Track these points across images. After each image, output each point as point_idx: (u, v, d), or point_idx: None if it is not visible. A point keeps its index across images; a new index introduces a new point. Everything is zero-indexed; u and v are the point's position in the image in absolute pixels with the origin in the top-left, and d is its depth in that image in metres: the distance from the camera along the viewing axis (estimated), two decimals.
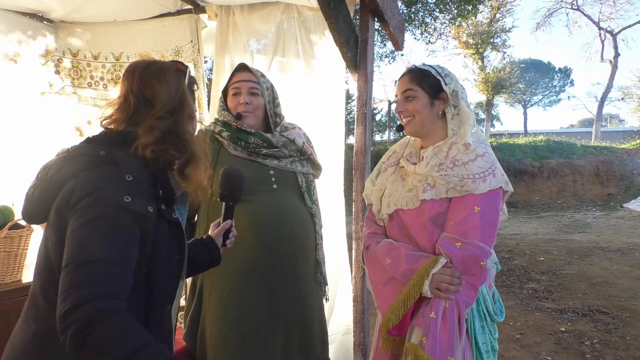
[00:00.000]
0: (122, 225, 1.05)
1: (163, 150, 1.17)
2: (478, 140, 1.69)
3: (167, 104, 1.21)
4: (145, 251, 1.11)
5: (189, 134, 1.26)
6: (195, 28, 3.08)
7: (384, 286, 1.70)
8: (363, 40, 2.80)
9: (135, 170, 1.11)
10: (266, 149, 1.96)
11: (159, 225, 1.14)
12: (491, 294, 1.72)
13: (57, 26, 3.27)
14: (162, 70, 1.25)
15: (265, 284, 1.85)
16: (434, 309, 1.54)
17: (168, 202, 1.18)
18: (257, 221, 1.87)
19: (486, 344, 1.64)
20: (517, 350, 3.75)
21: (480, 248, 1.53)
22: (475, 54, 24.77)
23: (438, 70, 1.72)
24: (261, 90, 2.00)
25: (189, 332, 1.95)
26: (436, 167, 1.63)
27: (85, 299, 0.95)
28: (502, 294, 5.32)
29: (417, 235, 1.66)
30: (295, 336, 1.89)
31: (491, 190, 1.57)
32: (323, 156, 2.75)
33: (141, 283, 1.11)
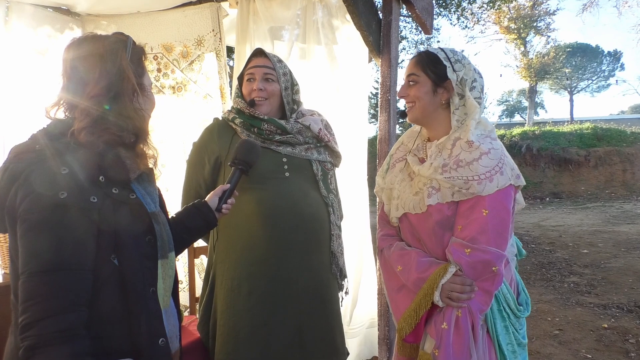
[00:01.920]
0: (65, 225, 1.01)
1: (103, 131, 1.11)
2: (483, 133, 1.55)
3: (102, 80, 1.14)
4: (108, 239, 1.07)
5: (132, 110, 1.18)
6: (217, 17, 3.04)
7: (397, 293, 1.62)
8: (386, 23, 2.70)
9: (72, 161, 1.06)
10: (280, 136, 1.89)
11: (118, 210, 1.10)
12: (513, 287, 1.61)
13: (84, 19, 3.30)
14: (95, 44, 1.17)
15: (275, 274, 1.80)
16: (445, 318, 1.47)
17: (123, 184, 1.13)
18: (267, 210, 1.81)
19: (511, 344, 1.54)
20: (555, 347, 3.58)
21: (491, 253, 1.42)
22: (517, 39, 23.94)
23: (448, 55, 1.57)
24: (277, 76, 1.93)
25: (202, 322, 1.93)
26: (440, 169, 1.51)
27: (40, 315, 0.96)
28: (540, 287, 5.12)
29: (426, 239, 1.57)
30: (308, 328, 1.83)
31: (499, 190, 1.44)
32: (346, 145, 2.68)
33: (114, 272, 1.08)
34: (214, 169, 1.92)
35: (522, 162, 16.35)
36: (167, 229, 1.33)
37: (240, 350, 1.76)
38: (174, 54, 3.18)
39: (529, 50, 24.80)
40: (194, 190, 1.94)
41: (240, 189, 1.74)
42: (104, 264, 1.06)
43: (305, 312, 1.82)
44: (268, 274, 1.80)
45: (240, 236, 1.84)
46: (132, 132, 1.18)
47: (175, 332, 1.28)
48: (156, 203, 1.27)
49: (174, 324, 1.28)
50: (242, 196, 1.76)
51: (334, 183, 2.04)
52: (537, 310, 4.38)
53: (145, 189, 1.23)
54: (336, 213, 1.99)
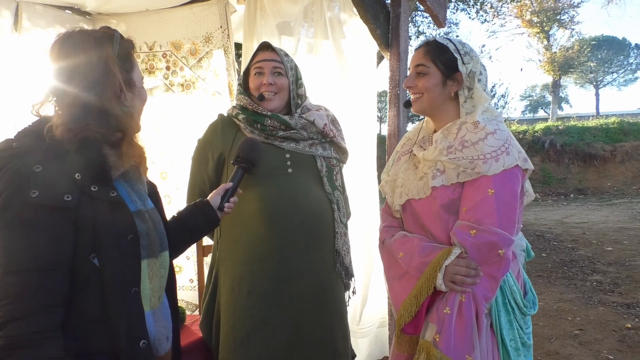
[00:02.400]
0: (37, 224, 0.99)
1: (83, 128, 1.08)
2: (490, 116, 1.52)
3: (86, 75, 1.11)
4: (87, 238, 1.05)
5: (117, 107, 1.15)
6: (225, 13, 3.00)
7: (398, 281, 1.57)
8: (395, 15, 2.64)
9: (46, 159, 1.03)
10: (283, 131, 1.85)
11: (97, 208, 1.07)
12: (521, 284, 1.55)
13: (95, 19, 3.30)
14: (80, 39, 1.14)
15: (276, 273, 1.77)
16: (448, 303, 1.41)
17: (104, 182, 1.10)
18: (268, 207, 1.78)
19: (515, 340, 1.47)
20: (575, 348, 3.47)
21: (498, 234, 1.37)
22: (540, 33, 23.47)
23: (457, 47, 1.54)
24: (285, 69, 1.89)
25: (204, 321, 1.90)
26: (445, 151, 1.48)
27: (13, 315, 0.95)
28: (561, 286, 4.98)
29: (430, 225, 1.52)
30: (308, 329, 1.78)
31: (506, 170, 1.41)
32: (354, 141, 2.63)
33: (93, 271, 1.05)
34: (217, 166, 1.89)
35: (545, 158, 16.04)
36: (160, 227, 1.30)
37: (239, 350, 1.73)
38: (183, 52, 3.16)
39: (552, 44, 24.29)
40: (198, 187, 1.92)
41: (243, 186, 1.70)
42: (83, 263, 1.04)
43: (305, 312, 1.78)
44: (269, 273, 1.77)
45: (242, 234, 1.81)
46: (117, 128, 1.15)
47: (165, 333, 1.24)
48: (144, 201, 1.24)
49: (164, 325, 1.24)
50: (244, 193, 1.73)
51: (340, 180, 2.00)
52: (558, 309, 4.26)
53: (132, 187, 1.21)
54: (341, 210, 1.94)
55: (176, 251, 1.55)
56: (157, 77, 3.24)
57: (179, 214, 1.59)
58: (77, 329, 1.04)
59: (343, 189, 2.01)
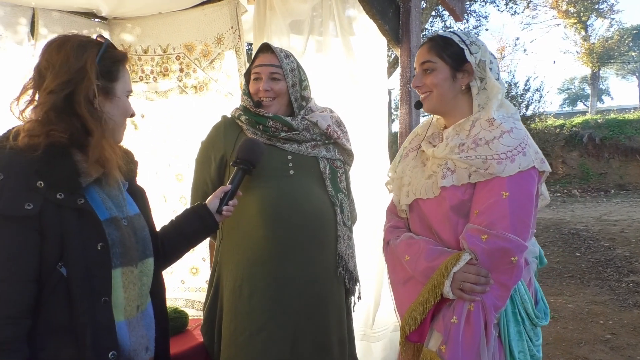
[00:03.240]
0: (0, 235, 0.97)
1: (47, 133, 1.06)
2: (506, 114, 1.44)
3: (59, 75, 1.09)
4: (53, 247, 1.03)
5: (87, 111, 1.13)
6: (235, 13, 2.98)
7: (403, 286, 1.51)
8: (405, 10, 2.57)
9: (9, 167, 1.02)
10: (286, 133, 1.82)
11: (63, 216, 1.05)
12: (532, 293, 1.46)
13: (111, 23, 3.35)
14: (64, 41, 1.14)
15: (275, 276, 1.74)
16: (456, 312, 1.34)
17: (70, 189, 1.07)
18: (269, 209, 1.75)
19: (524, 352, 1.39)
20: (606, 353, 3.31)
21: (511, 241, 1.29)
22: (577, 23, 22.68)
23: (462, 38, 1.47)
24: (283, 73, 1.85)
25: (206, 324, 1.89)
26: (456, 149, 1.40)
27: None
28: (594, 287, 4.78)
29: (439, 227, 1.45)
30: (307, 333, 1.75)
31: (521, 172, 1.33)
32: (365, 140, 2.57)
33: (61, 280, 1.03)
34: (219, 167, 1.88)
35: (583, 152, 15.53)
36: (143, 234, 1.28)
37: (240, 354, 1.71)
38: (195, 53, 3.16)
39: (590, 34, 23.44)
40: (201, 189, 1.91)
41: (244, 188, 1.69)
42: (50, 272, 1.03)
43: (304, 316, 1.75)
44: (269, 276, 1.74)
45: (243, 236, 1.79)
46: (85, 132, 1.13)
47: (144, 343, 1.22)
48: (121, 208, 1.21)
49: (142, 335, 1.21)
50: (245, 195, 1.71)
51: (345, 182, 1.95)
52: (589, 312, 4.08)
53: (109, 194, 1.18)
54: (345, 213, 1.89)
55: (172, 257, 1.53)
56: (171, 79, 3.25)
57: (176, 218, 1.57)
58: (44, 338, 1.03)
59: (348, 191, 1.96)
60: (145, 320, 1.25)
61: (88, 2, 3.00)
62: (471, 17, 13.07)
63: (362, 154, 2.42)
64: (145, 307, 1.27)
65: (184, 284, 3.19)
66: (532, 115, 17.22)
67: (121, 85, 1.25)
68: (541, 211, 10.50)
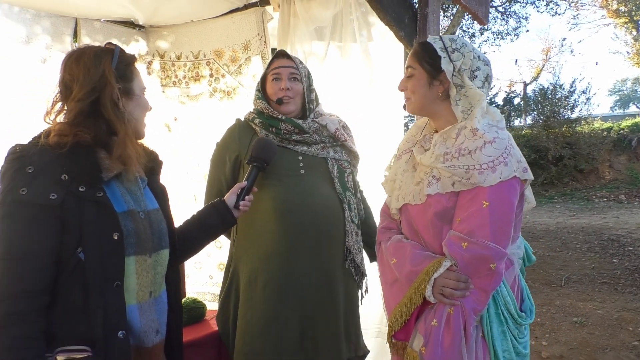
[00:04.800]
0: (23, 219, 1.11)
1: (75, 133, 1.19)
2: (491, 121, 1.47)
3: (84, 85, 1.23)
4: (73, 234, 1.16)
5: (113, 113, 1.27)
6: (262, 20, 3.13)
7: (390, 286, 1.58)
8: (422, 16, 2.62)
9: (39, 161, 1.15)
10: (297, 135, 1.95)
11: (83, 207, 1.18)
12: (516, 292, 1.51)
13: (148, 31, 3.56)
14: (81, 54, 1.28)
15: (288, 268, 1.86)
16: (436, 315, 1.40)
17: (91, 183, 1.20)
18: (281, 206, 1.88)
19: (508, 351, 1.43)
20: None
21: (490, 248, 1.35)
22: (628, 23, 21.79)
23: (446, 45, 1.50)
24: (300, 76, 1.99)
25: (220, 314, 2.02)
26: (441, 157, 1.45)
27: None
28: (628, 294, 4.66)
29: (424, 232, 1.52)
30: (318, 321, 1.86)
31: (502, 182, 1.37)
32: (381, 142, 2.64)
33: (78, 264, 1.16)
34: (234, 167, 2.01)
35: (632, 157, 14.97)
36: (160, 227, 1.39)
37: (256, 341, 1.83)
38: (224, 59, 3.32)
39: None
40: (216, 188, 2.04)
41: (259, 186, 1.82)
42: (69, 256, 1.15)
43: (314, 305, 1.86)
44: (281, 268, 1.86)
45: (257, 232, 1.92)
46: (110, 132, 1.27)
47: (155, 327, 1.33)
48: (139, 202, 1.34)
49: (153, 319, 1.32)
50: (259, 193, 1.84)
51: (352, 181, 2.04)
52: (618, 319, 4.00)
53: (128, 188, 1.31)
54: (352, 210, 1.99)
55: (193, 249, 1.66)
56: (202, 84, 3.42)
57: (197, 213, 1.70)
58: (60, 316, 1.16)
59: (355, 190, 2.05)
60: (158, 306, 1.37)
61: (126, 11, 3.21)
62: (511, 18, 12.84)
63: (378, 154, 2.50)
64: (159, 294, 1.39)
65: (212, 279, 3.35)
66: (578, 118, 16.73)
67: (137, 84, 1.39)
68: (582, 217, 10.19)
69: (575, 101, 17.15)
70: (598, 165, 15.80)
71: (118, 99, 1.30)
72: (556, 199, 14.03)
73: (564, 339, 3.65)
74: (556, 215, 10.98)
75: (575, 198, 13.90)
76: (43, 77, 2.85)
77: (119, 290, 1.22)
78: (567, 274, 5.50)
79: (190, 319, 2.18)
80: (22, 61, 2.78)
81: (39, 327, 1.11)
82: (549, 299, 4.63)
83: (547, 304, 4.46)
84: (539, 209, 12.24)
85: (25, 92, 2.75)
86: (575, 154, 15.72)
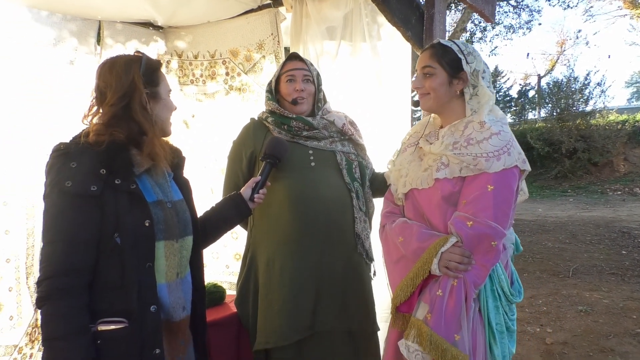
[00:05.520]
0: (69, 208, 1.28)
1: (111, 133, 1.35)
2: (495, 118, 1.65)
3: (116, 91, 1.39)
4: (111, 221, 1.32)
5: (142, 116, 1.43)
6: (275, 21, 3.27)
7: (395, 264, 1.73)
8: (429, 17, 2.74)
9: (81, 157, 1.31)
10: (307, 131, 2.10)
11: (119, 197, 1.34)
12: (508, 274, 1.65)
13: (167, 31, 3.73)
14: (113, 63, 1.44)
15: (303, 253, 2.02)
16: (441, 286, 1.55)
17: (125, 176, 1.36)
18: (294, 196, 2.04)
19: (500, 324, 1.59)
20: (634, 346, 3.36)
21: (492, 228, 1.50)
22: None
23: (461, 48, 1.68)
24: (312, 77, 2.15)
25: (239, 298, 2.18)
26: (450, 146, 1.62)
27: (46, 275, 1.26)
28: (635, 284, 4.77)
29: (430, 214, 1.67)
30: (328, 299, 2.02)
31: (505, 169, 1.53)
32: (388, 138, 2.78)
33: (115, 247, 1.32)
34: (249, 163, 2.16)
35: None
36: (185, 216, 1.55)
37: (275, 319, 2.00)
38: (239, 58, 3.47)
39: None
40: (233, 182, 2.20)
41: (272, 179, 1.98)
42: (108, 240, 1.32)
43: (323, 287, 2.02)
44: (296, 253, 2.02)
45: (272, 220, 2.08)
46: (140, 133, 1.43)
47: (182, 303, 1.50)
48: (167, 193, 1.50)
49: (180, 296, 1.49)
50: (273, 185, 2.00)
51: (359, 173, 2.19)
52: (623, 307, 4.09)
53: (157, 181, 1.48)
54: (360, 199, 2.14)
55: (212, 237, 1.83)
56: (218, 82, 3.58)
57: (216, 205, 1.87)
58: (102, 293, 1.33)
59: (363, 181, 2.19)
60: (184, 286, 1.53)
61: (146, 13, 3.38)
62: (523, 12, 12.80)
63: (386, 150, 2.64)
64: (184, 275, 1.55)
65: (228, 268, 3.52)
66: (592, 111, 16.62)
67: (163, 87, 1.55)
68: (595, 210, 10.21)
69: (589, 94, 17.04)
70: (613, 158, 15.69)
71: (146, 102, 1.46)
72: (569, 192, 14.00)
73: (569, 326, 3.77)
74: (569, 208, 11.01)
75: (589, 191, 13.86)
76: (72, 77, 3.02)
77: (150, 270, 1.39)
78: (575, 265, 5.60)
79: (211, 301, 2.36)
80: (52, 63, 2.95)
81: (84, 300, 1.28)
82: (556, 288, 4.74)
83: (554, 293, 4.57)
84: (551, 203, 12.26)
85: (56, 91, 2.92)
86: (590, 147, 15.62)
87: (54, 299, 1.24)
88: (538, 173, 16.51)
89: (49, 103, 2.86)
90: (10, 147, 2.63)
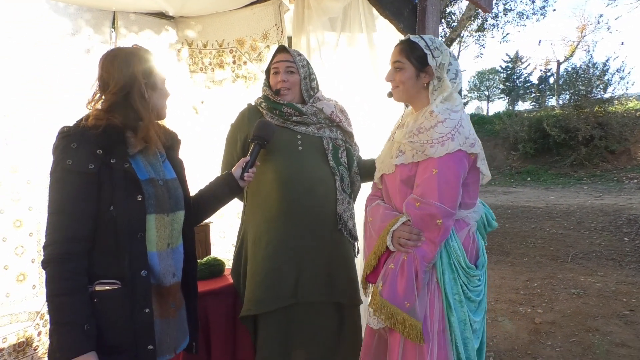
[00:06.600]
0: (70, 183, 1.46)
1: (108, 118, 1.54)
2: (449, 106, 1.78)
3: (118, 82, 1.56)
4: (107, 195, 1.50)
5: (140, 104, 1.60)
6: (279, 12, 3.43)
7: (367, 240, 1.93)
8: (421, 9, 2.87)
9: (80, 139, 1.49)
10: (297, 117, 2.28)
11: (114, 174, 1.51)
12: (474, 249, 1.81)
13: (177, 21, 3.91)
14: (114, 56, 1.60)
15: (286, 229, 2.21)
16: (394, 260, 1.75)
17: (119, 156, 1.54)
18: (280, 177, 2.22)
19: (458, 294, 1.74)
20: (619, 327, 3.50)
21: (437, 207, 1.66)
22: None
23: (428, 44, 1.82)
24: (297, 67, 2.32)
25: (233, 270, 2.40)
26: (407, 135, 1.79)
27: (50, 241, 1.44)
28: (632, 270, 4.88)
29: (394, 197, 1.86)
30: (310, 272, 2.20)
31: (449, 154, 1.68)
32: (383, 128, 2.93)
33: (111, 219, 1.51)
34: (244, 146, 2.36)
35: None
36: (176, 193, 1.73)
37: (258, 289, 2.20)
38: (246, 47, 3.65)
39: None
40: (229, 163, 2.39)
41: (262, 161, 2.18)
42: (104, 212, 1.50)
43: (307, 260, 2.21)
44: (281, 229, 2.21)
45: (261, 199, 2.28)
46: (137, 119, 1.62)
47: (171, 270, 1.66)
48: (159, 172, 1.67)
49: (170, 264, 1.66)
50: (263, 166, 2.20)
51: (345, 157, 2.36)
52: (615, 291, 4.22)
53: (149, 161, 1.65)
54: (345, 182, 2.31)
55: (206, 213, 2.04)
56: (225, 70, 3.77)
57: (209, 183, 2.07)
58: (99, 258, 1.51)
59: (350, 165, 2.37)
60: (175, 255, 1.70)
61: (158, 4, 3.56)
62: None
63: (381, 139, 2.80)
64: (176, 245, 1.72)
65: (234, 246, 3.73)
66: (611, 98, 16.42)
67: (159, 77, 1.71)
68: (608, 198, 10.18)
69: (608, 80, 16.83)
70: (630, 146, 15.55)
71: (145, 92, 1.63)
72: (585, 180, 13.94)
73: (559, 307, 3.91)
74: (581, 196, 11.01)
75: (604, 179, 13.78)
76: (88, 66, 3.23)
77: (141, 240, 1.56)
78: (575, 251, 5.70)
79: (212, 273, 2.60)
80: (70, 51, 3.16)
81: (83, 265, 1.47)
82: (553, 272, 4.87)
83: (550, 277, 4.70)
84: (565, 190, 12.25)
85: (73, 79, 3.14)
86: (607, 135, 15.48)
87: (57, 262, 1.43)
88: (554, 160, 16.43)
89: (69, 88, 3.08)
90: (26, 137, 2.85)
